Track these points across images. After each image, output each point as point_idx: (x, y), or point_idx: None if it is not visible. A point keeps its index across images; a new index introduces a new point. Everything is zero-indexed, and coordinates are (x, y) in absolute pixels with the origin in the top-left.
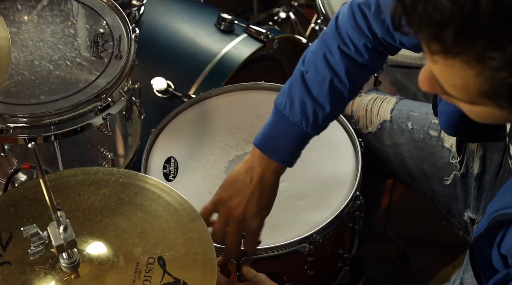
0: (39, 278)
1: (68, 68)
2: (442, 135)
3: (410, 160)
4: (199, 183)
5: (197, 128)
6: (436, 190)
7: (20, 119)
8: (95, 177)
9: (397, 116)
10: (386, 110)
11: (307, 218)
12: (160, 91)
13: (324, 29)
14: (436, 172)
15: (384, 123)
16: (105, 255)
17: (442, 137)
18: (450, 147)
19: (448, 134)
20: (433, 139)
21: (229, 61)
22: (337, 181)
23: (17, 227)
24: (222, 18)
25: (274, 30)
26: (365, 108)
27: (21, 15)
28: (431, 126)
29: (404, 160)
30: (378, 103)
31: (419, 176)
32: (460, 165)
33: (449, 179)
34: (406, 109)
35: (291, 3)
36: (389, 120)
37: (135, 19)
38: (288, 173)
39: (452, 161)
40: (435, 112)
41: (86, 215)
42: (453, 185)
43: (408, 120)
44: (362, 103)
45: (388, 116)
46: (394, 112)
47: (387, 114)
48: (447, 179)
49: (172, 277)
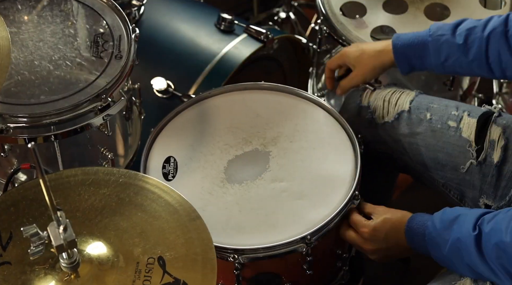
0: (39, 278)
1: (68, 68)
2: (461, 125)
3: (425, 149)
4: (199, 182)
5: (197, 128)
6: (450, 178)
7: (20, 119)
8: (95, 177)
9: (416, 107)
10: (405, 101)
11: (306, 218)
12: (160, 91)
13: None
14: (451, 160)
15: (402, 113)
16: (105, 255)
17: (461, 127)
18: (468, 137)
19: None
20: (451, 130)
21: (229, 61)
22: (336, 181)
23: (17, 227)
24: (222, 18)
25: (274, 30)
26: (383, 99)
27: (21, 15)
28: (450, 118)
29: (419, 149)
30: (396, 95)
31: (434, 165)
32: (477, 154)
33: (465, 167)
34: (426, 101)
35: (291, 3)
36: (407, 110)
37: (135, 19)
38: (288, 172)
39: (470, 149)
40: None
41: (86, 215)
42: (469, 172)
43: (428, 111)
44: (380, 95)
45: (407, 106)
46: (413, 103)
47: (406, 104)
48: (463, 167)
49: (172, 277)
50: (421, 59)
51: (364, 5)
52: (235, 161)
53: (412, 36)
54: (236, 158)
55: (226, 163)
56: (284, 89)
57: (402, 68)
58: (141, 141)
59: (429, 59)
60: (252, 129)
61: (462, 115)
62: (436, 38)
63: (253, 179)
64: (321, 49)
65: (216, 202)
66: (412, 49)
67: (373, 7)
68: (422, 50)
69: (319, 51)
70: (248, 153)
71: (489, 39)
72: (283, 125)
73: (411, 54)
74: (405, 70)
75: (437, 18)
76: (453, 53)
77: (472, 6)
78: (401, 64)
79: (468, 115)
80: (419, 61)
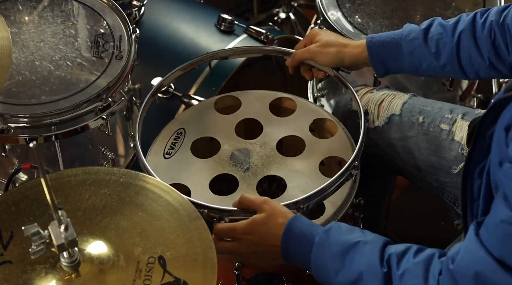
0: (40, 277)
1: (68, 69)
2: (453, 128)
3: (418, 152)
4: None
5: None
6: (443, 181)
7: (21, 119)
8: (96, 176)
9: (408, 110)
10: (397, 105)
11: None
12: (160, 91)
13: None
14: (445, 164)
15: (392, 117)
16: (106, 255)
17: (453, 131)
18: (460, 140)
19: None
20: (443, 133)
21: (229, 61)
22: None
23: (18, 226)
24: (222, 18)
25: (274, 30)
26: (375, 103)
27: (22, 15)
28: (443, 121)
29: (412, 153)
30: (389, 99)
31: (427, 168)
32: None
33: (457, 168)
34: (420, 104)
35: (291, 4)
36: (398, 114)
37: (135, 19)
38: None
39: (462, 151)
40: None
41: (87, 215)
42: (461, 175)
43: (420, 114)
44: (373, 99)
45: (398, 110)
46: (405, 106)
47: (397, 108)
48: (455, 168)
49: (172, 276)
50: (396, 61)
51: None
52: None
53: (386, 37)
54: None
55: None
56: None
57: (377, 70)
58: (141, 142)
59: (404, 62)
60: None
61: (456, 118)
62: (409, 42)
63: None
64: None
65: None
66: (387, 51)
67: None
68: (397, 53)
69: None
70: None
71: (459, 42)
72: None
73: (386, 56)
74: (380, 72)
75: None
76: (425, 58)
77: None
78: (376, 66)
79: (462, 118)
80: (394, 63)
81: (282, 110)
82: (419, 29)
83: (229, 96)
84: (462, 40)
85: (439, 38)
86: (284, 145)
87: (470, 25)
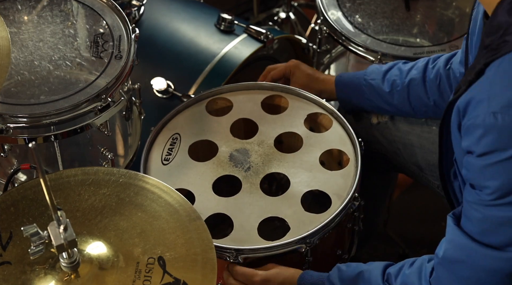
0: (39, 278)
1: (68, 68)
2: None
3: (419, 150)
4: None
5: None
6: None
7: (20, 119)
8: (95, 177)
9: None
10: None
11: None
12: (160, 91)
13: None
14: None
15: None
16: (105, 255)
17: None
18: None
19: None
20: None
21: (229, 61)
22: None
23: (17, 226)
24: (222, 18)
25: (274, 30)
26: None
27: (21, 15)
28: None
29: (414, 150)
30: None
31: (428, 166)
32: None
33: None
34: None
35: (291, 3)
36: None
37: (135, 19)
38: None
39: None
40: None
41: (86, 215)
42: None
43: None
44: None
45: None
46: None
47: None
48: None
49: (172, 277)
50: (358, 99)
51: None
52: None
53: (352, 76)
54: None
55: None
56: (288, 90)
57: (344, 106)
58: (141, 142)
59: (364, 100)
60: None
61: None
62: (369, 82)
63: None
64: (321, 49)
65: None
66: (351, 90)
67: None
68: (358, 91)
69: (319, 51)
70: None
71: (409, 86)
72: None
73: (350, 93)
74: (346, 107)
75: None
76: (381, 97)
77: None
78: (343, 103)
79: None
80: (356, 100)
81: (275, 108)
82: (379, 70)
83: (220, 98)
84: (412, 83)
85: (394, 80)
86: (281, 142)
87: (422, 69)
